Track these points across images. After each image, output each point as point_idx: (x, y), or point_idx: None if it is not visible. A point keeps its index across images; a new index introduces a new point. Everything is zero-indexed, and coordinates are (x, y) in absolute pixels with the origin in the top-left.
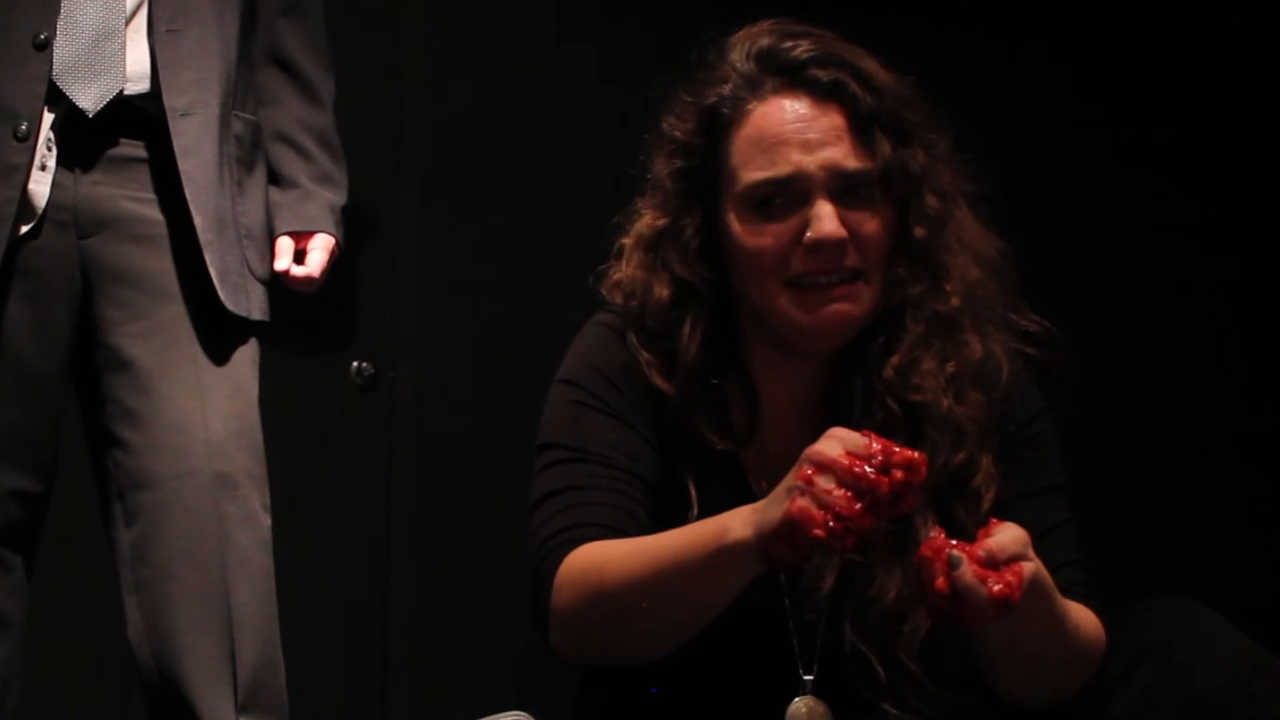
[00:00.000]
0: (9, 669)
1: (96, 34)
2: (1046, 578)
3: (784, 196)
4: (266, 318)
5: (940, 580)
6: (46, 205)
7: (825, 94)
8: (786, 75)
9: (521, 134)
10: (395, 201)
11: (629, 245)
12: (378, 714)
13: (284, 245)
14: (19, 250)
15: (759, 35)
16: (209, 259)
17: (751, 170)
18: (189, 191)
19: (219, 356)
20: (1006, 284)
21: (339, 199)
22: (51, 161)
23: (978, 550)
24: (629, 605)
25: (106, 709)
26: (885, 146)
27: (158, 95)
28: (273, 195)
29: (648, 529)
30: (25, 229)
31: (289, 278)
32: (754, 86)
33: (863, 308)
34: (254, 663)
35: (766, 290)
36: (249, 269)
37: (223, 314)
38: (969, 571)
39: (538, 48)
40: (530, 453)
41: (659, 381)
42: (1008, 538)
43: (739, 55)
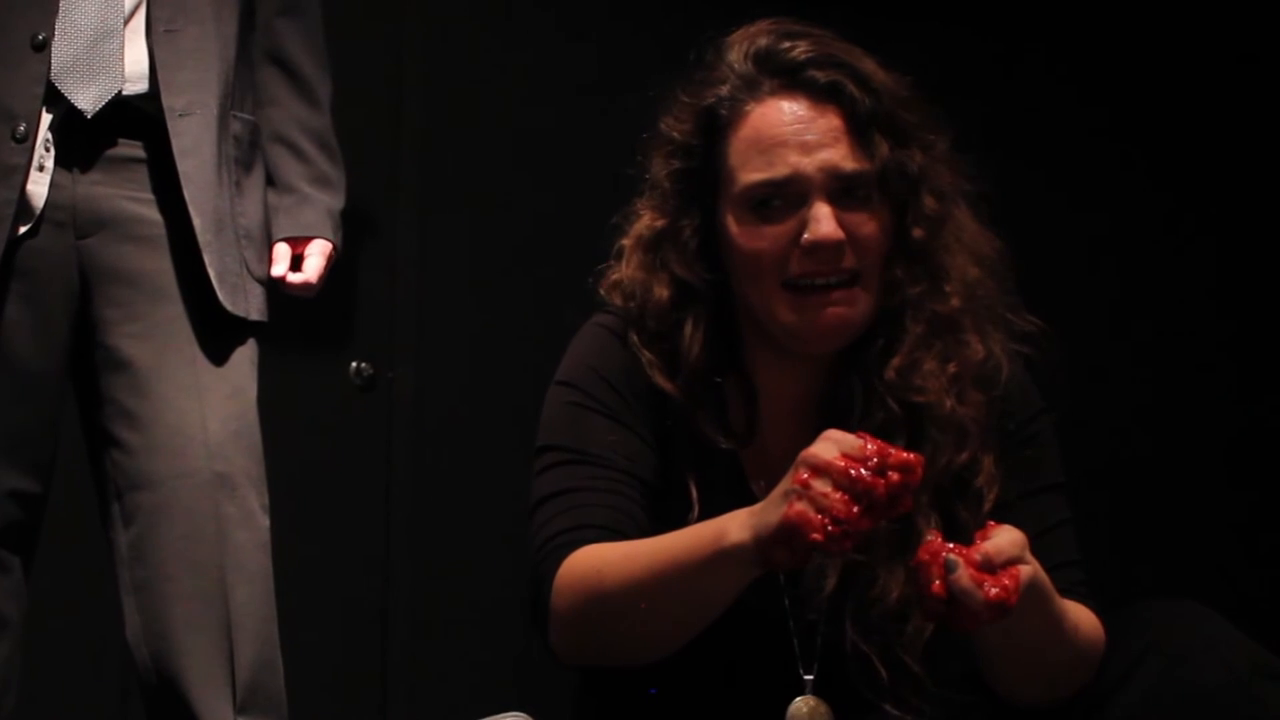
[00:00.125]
0: (7, 670)
1: (95, 34)
2: (1044, 580)
3: (781, 198)
4: (265, 318)
5: (937, 584)
6: (44, 205)
7: (823, 95)
8: (784, 76)
9: (520, 134)
10: (394, 202)
11: (628, 246)
12: (377, 714)
13: (281, 251)
14: (17, 250)
15: (757, 35)
16: (208, 259)
17: (749, 172)
18: (188, 192)
19: (217, 357)
20: (1005, 283)
21: (337, 203)
22: (50, 162)
23: (974, 554)
24: (628, 607)
25: (105, 710)
26: (883, 147)
27: (156, 95)
28: (270, 198)
29: (647, 530)
30: (23, 229)
31: (286, 284)
32: (752, 87)
33: (860, 311)
34: (252, 663)
35: (764, 292)
36: (247, 269)
37: (221, 314)
38: (965, 575)
39: (536, 48)
40: (529, 454)
41: (661, 381)
42: (1005, 541)
43: (737, 56)
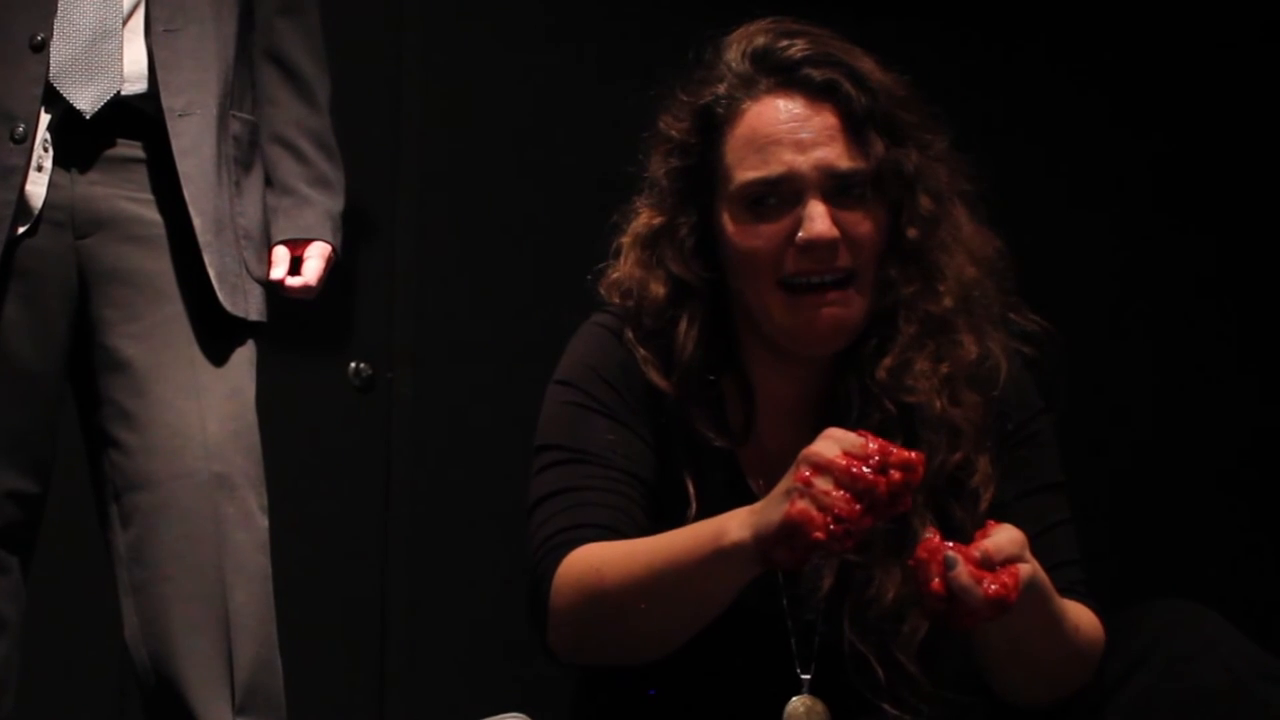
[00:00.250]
0: (6, 670)
1: (93, 34)
2: (1044, 579)
3: (777, 196)
4: (264, 318)
5: (936, 582)
6: (43, 205)
7: (819, 94)
8: (781, 75)
9: (519, 135)
10: (393, 202)
11: (626, 244)
12: (376, 715)
13: (280, 254)
14: (15, 251)
15: (755, 34)
16: (208, 260)
17: (745, 170)
18: (188, 192)
19: (216, 357)
20: (1004, 283)
21: (336, 204)
22: (48, 162)
23: (973, 551)
24: (627, 606)
25: (103, 710)
26: (879, 146)
27: (155, 95)
28: (269, 199)
29: (646, 529)
30: (22, 229)
31: (284, 287)
32: (749, 86)
33: (855, 313)
34: (251, 664)
35: (760, 290)
36: (247, 270)
37: (220, 315)
38: (964, 572)
39: (535, 49)
40: (528, 454)
41: (657, 379)
42: (1004, 539)
43: (735, 54)
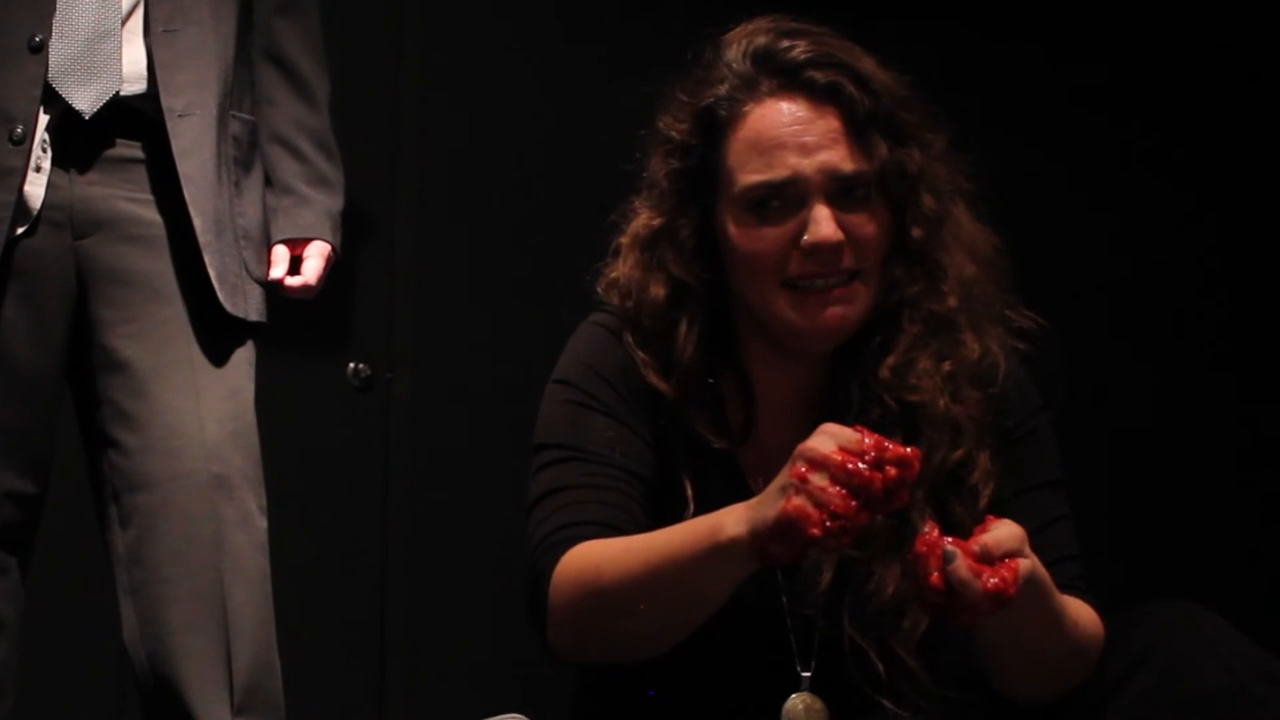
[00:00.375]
0: (4, 671)
1: (92, 35)
2: (1044, 574)
3: (781, 199)
4: (264, 319)
5: (935, 576)
6: (42, 206)
7: (822, 96)
8: (783, 76)
9: (517, 135)
10: (392, 202)
11: (625, 244)
12: (375, 716)
13: (279, 254)
14: (14, 251)
15: (755, 34)
16: (208, 260)
17: (748, 173)
18: (188, 193)
19: (215, 358)
20: (1002, 280)
21: (335, 204)
22: (47, 162)
23: (973, 546)
24: (625, 603)
25: (102, 711)
26: (882, 148)
27: (154, 96)
28: (268, 199)
29: (645, 527)
30: (20, 230)
31: (284, 287)
32: (750, 87)
33: (860, 309)
34: (250, 665)
35: (763, 292)
36: (246, 270)
37: (219, 315)
38: (963, 566)
39: (534, 48)
40: (527, 454)
41: (656, 381)
42: (1004, 533)
43: (735, 54)
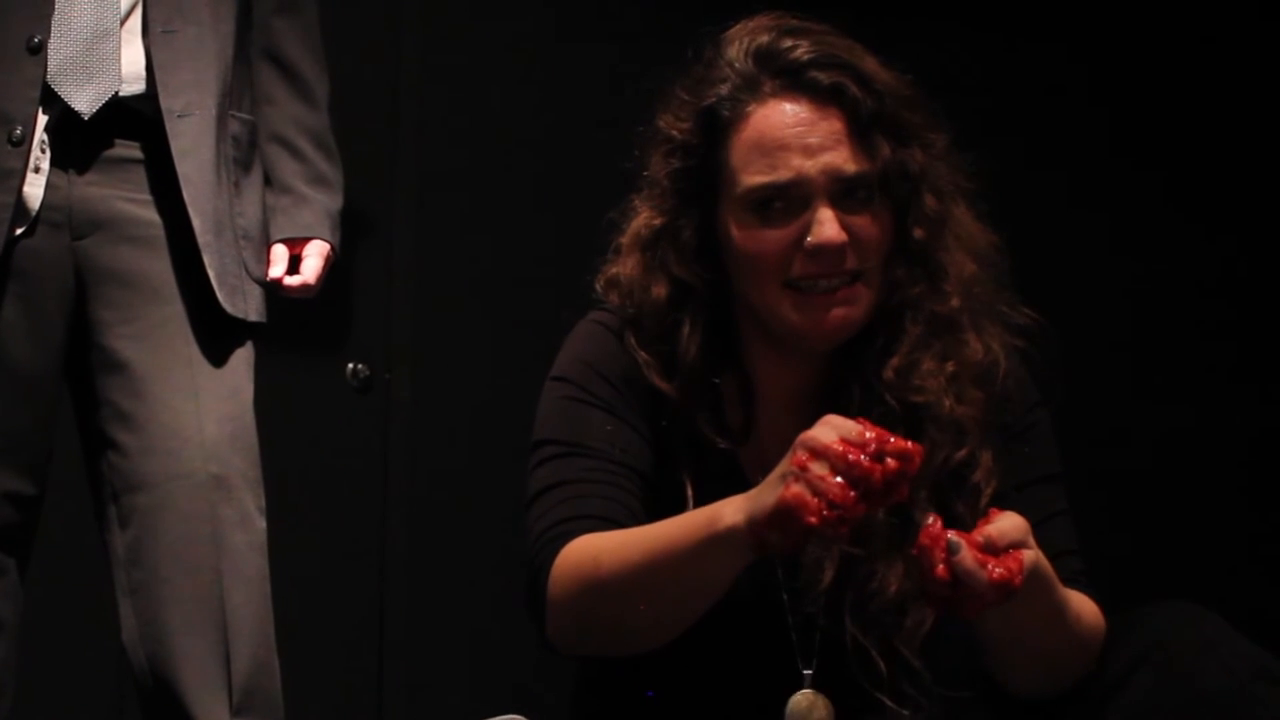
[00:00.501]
0: (3, 672)
1: (91, 35)
2: (1047, 566)
3: (784, 200)
4: (263, 319)
5: (940, 568)
6: (40, 206)
7: (825, 97)
8: (786, 77)
9: (517, 134)
10: (390, 202)
11: (625, 244)
12: (374, 717)
13: (278, 253)
14: (12, 251)
15: (757, 32)
16: (207, 260)
17: (751, 174)
18: (187, 193)
19: (214, 358)
20: (1001, 278)
21: (334, 203)
22: (45, 163)
23: (977, 537)
24: (624, 594)
25: (101, 712)
26: (885, 148)
27: (153, 96)
28: (268, 199)
29: (643, 522)
30: (19, 231)
31: (283, 286)
32: (753, 87)
33: (862, 309)
34: (249, 666)
35: (765, 293)
36: (246, 270)
37: (218, 315)
38: (969, 556)
39: (533, 47)
40: (526, 454)
41: (658, 382)
42: (1007, 524)
43: (737, 53)
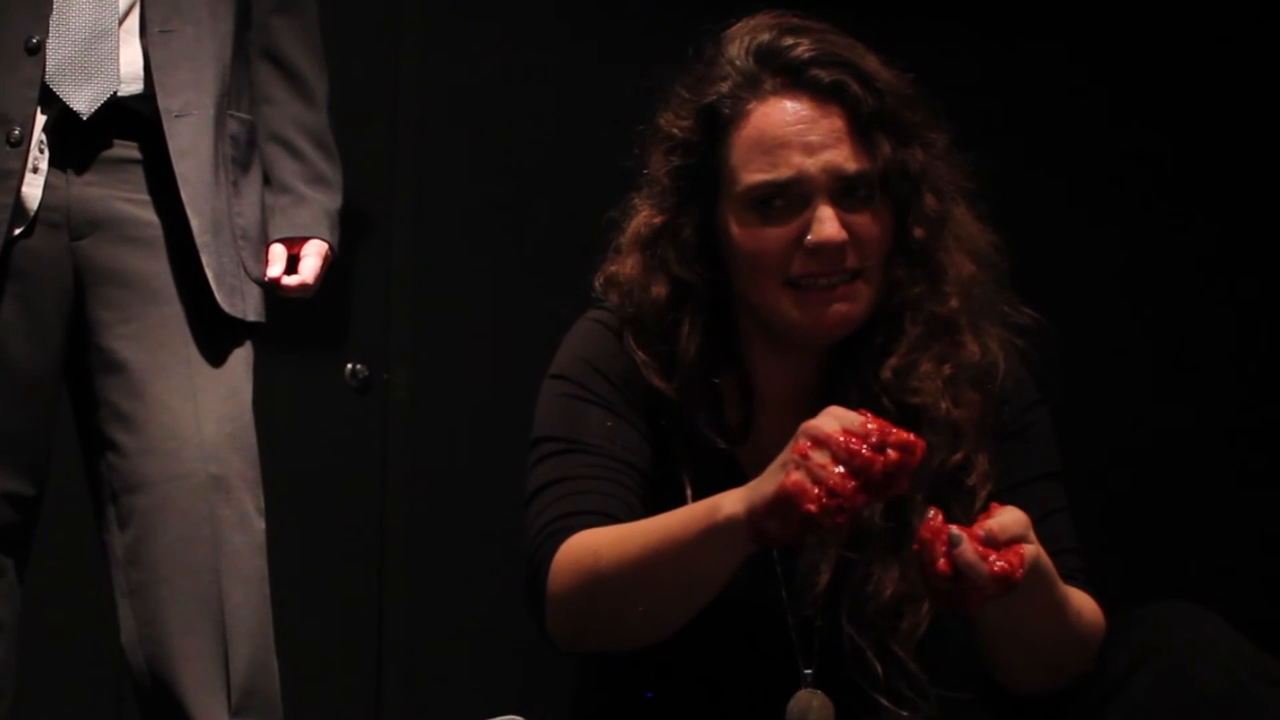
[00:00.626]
0: (3, 673)
1: (89, 35)
2: (1048, 561)
3: (784, 199)
4: (262, 319)
5: (941, 561)
6: (39, 207)
7: (826, 95)
8: (787, 75)
9: (516, 133)
10: (389, 202)
11: (625, 243)
12: (373, 717)
13: (277, 252)
14: (11, 252)
15: (758, 30)
16: (205, 260)
17: (752, 172)
18: (185, 193)
19: (213, 358)
20: (1001, 278)
21: (333, 202)
22: (44, 163)
23: (978, 531)
24: (623, 588)
25: (100, 713)
26: (885, 147)
27: (151, 96)
28: (266, 198)
29: (642, 518)
30: (17, 231)
31: (281, 286)
32: (753, 85)
33: (862, 307)
34: (248, 666)
35: (766, 291)
36: (245, 270)
37: (217, 316)
38: (970, 549)
39: (532, 46)
40: (525, 454)
41: (658, 382)
42: (1008, 518)
43: (738, 51)
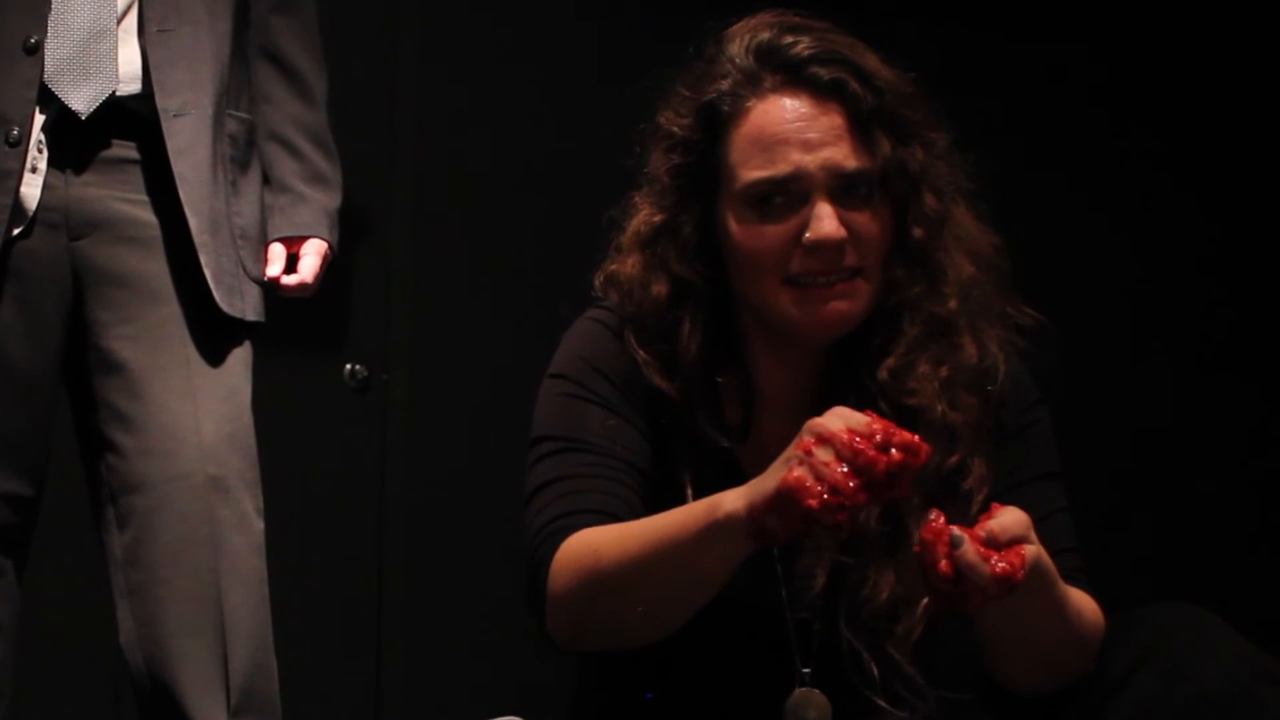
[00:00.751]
0: (1, 673)
1: (87, 34)
2: (1049, 562)
3: (783, 196)
4: (262, 318)
5: (943, 563)
6: (37, 207)
7: (826, 92)
8: (787, 72)
9: (515, 133)
10: (388, 202)
11: (625, 242)
12: (372, 718)
13: (276, 252)
14: (9, 252)
15: (758, 28)
16: (204, 260)
17: (751, 169)
18: (183, 193)
19: (212, 359)
20: (1002, 280)
21: (333, 201)
22: (42, 163)
23: (979, 532)
24: (624, 587)
25: (98, 714)
26: (885, 146)
27: (150, 96)
28: (266, 197)
29: (643, 517)
30: (16, 231)
31: (280, 285)
32: (753, 83)
33: (861, 305)
34: (246, 667)
35: (765, 289)
36: (243, 269)
37: (216, 316)
38: (971, 550)
39: (532, 46)
40: (524, 454)
41: (658, 381)
42: (1009, 519)
43: (738, 49)
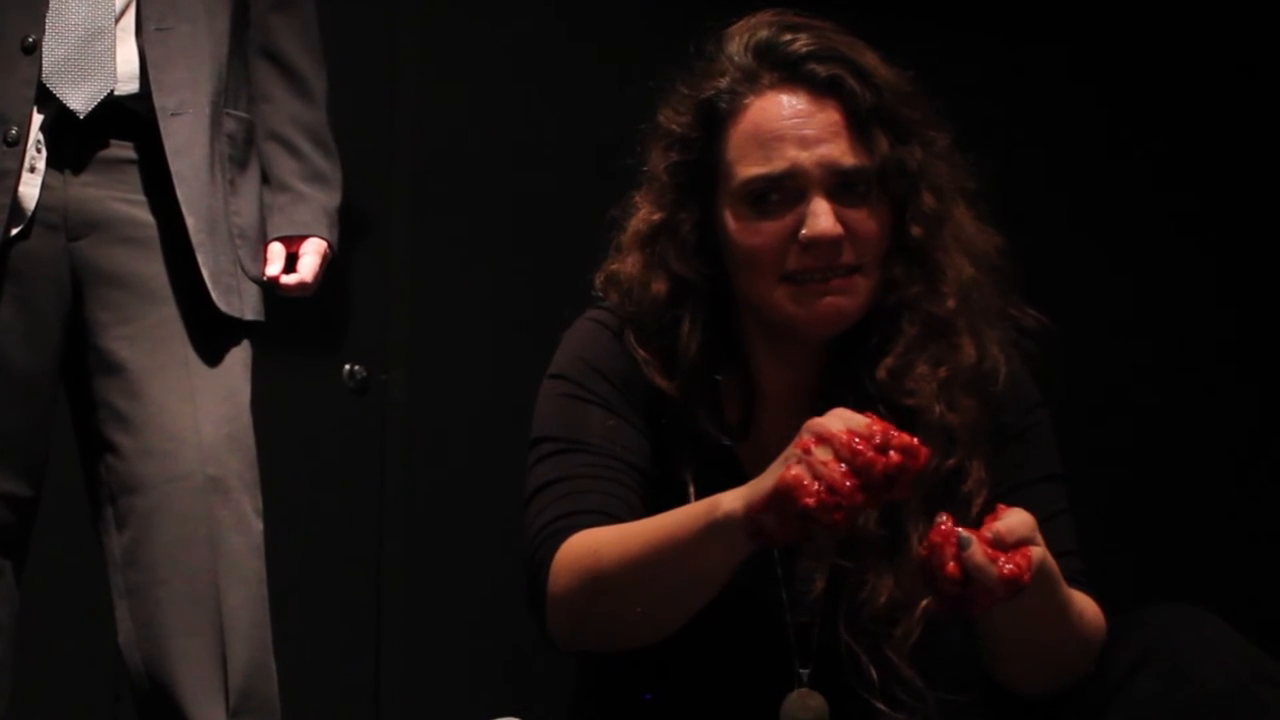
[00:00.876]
0: (0, 673)
1: (85, 34)
2: (1053, 564)
3: (780, 193)
4: (261, 318)
5: (951, 565)
6: (36, 207)
7: (823, 89)
8: (784, 69)
9: (515, 133)
10: (387, 202)
11: (625, 241)
12: (372, 718)
13: (275, 251)
14: (8, 252)
15: (757, 27)
16: (201, 260)
17: (748, 166)
18: (181, 192)
19: (211, 359)
20: (1003, 280)
21: (332, 200)
22: (41, 163)
23: (985, 533)
24: (624, 587)
25: (96, 714)
26: (883, 143)
27: (148, 95)
28: (265, 197)
29: (643, 517)
30: (14, 231)
31: (280, 285)
32: (751, 80)
33: (859, 301)
34: (245, 668)
35: (763, 286)
36: (242, 269)
37: (215, 316)
38: (979, 551)
39: (531, 44)
40: (523, 455)
41: (658, 380)
42: (1015, 521)
43: (737, 48)
